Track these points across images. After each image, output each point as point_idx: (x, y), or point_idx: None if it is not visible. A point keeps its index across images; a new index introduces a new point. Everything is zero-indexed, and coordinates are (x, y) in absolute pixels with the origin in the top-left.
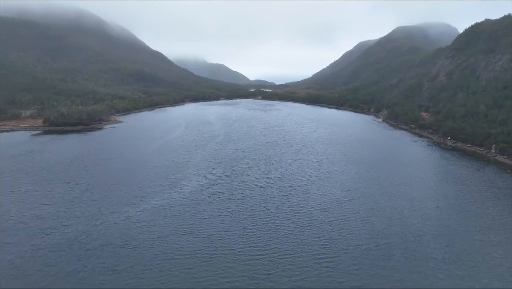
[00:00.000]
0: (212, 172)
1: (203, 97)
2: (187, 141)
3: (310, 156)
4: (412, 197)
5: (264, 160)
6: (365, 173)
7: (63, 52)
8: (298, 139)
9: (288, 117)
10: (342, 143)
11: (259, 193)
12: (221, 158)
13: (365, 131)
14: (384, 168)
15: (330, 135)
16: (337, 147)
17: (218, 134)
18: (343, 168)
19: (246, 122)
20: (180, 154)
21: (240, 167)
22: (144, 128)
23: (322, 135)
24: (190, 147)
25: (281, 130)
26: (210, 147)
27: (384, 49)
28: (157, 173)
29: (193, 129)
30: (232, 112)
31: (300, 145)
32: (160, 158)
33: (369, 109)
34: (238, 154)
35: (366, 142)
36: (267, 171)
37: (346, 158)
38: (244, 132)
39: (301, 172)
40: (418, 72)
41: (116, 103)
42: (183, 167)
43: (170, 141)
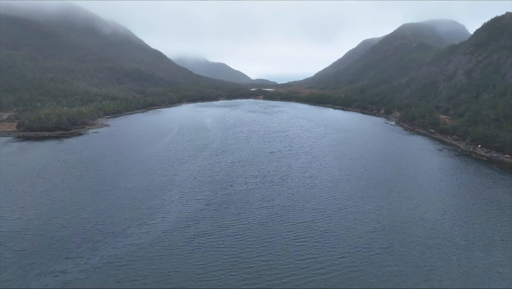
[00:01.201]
0: (199, 197)
1: (201, 97)
2: (175, 151)
3: (322, 173)
4: (472, 240)
5: (267, 177)
6: (396, 201)
7: (57, 50)
8: (306, 149)
9: (292, 121)
10: (358, 155)
11: (259, 234)
12: (213, 175)
13: (381, 138)
14: (418, 192)
15: (342, 143)
16: (353, 159)
17: (213, 142)
18: (365, 192)
19: (246, 127)
20: (164, 169)
21: (236, 190)
22: (131, 134)
23: (333, 143)
24: (178, 159)
25: (286, 136)
26: (201, 159)
27: (391, 47)
28: (125, 200)
29: (185, 135)
30: (231, 115)
31: (309, 157)
32: (137, 175)
33: (379, 110)
34: (234, 169)
35: (386, 153)
36: (270, 196)
37: (367, 175)
38: (243, 140)
39: (313, 197)
40: (431, 70)
41: (105, 104)
42: (163, 190)
43: (156, 151)
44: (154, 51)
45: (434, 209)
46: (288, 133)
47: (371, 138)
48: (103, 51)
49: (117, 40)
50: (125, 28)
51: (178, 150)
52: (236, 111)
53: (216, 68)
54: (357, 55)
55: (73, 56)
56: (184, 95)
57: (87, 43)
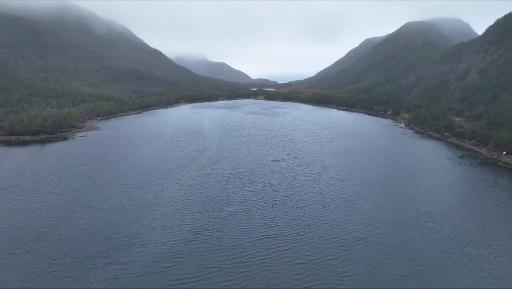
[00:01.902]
0: (187, 222)
1: (200, 98)
2: (166, 159)
3: (333, 188)
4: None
5: (269, 194)
6: (428, 228)
7: (52, 49)
8: (312, 157)
9: (295, 123)
10: (371, 164)
11: (260, 278)
12: (206, 191)
13: (392, 143)
14: (452, 216)
15: (352, 150)
16: (366, 169)
17: (209, 148)
18: (386, 215)
19: (246, 130)
20: (150, 183)
21: (233, 211)
22: (120, 138)
23: (341, 150)
24: (168, 170)
25: (289, 141)
26: (194, 169)
27: (395, 46)
28: (96, 227)
29: (179, 139)
30: (229, 117)
31: (316, 166)
32: (117, 191)
33: (385, 111)
34: (231, 182)
35: (401, 161)
36: (273, 221)
37: (385, 191)
38: (242, 145)
39: (325, 221)
40: (440, 69)
41: (98, 105)
42: (144, 211)
43: (144, 160)
44: (153, 50)
45: (481, 241)
46: (291, 138)
47: (382, 144)
48: (101, 50)
49: (115, 39)
50: (123, 27)
51: (169, 158)
52: (235, 113)
53: (216, 68)
54: (359, 54)
55: (69, 55)
56: (183, 96)
57: (84, 42)
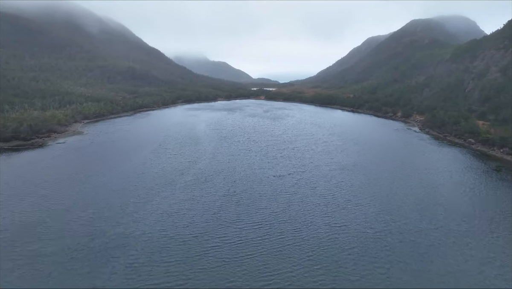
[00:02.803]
0: (160, 279)
1: (198, 98)
2: (149, 174)
3: (355, 218)
4: None
5: (273, 228)
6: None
7: (45, 48)
8: (323, 170)
9: (300, 127)
10: (397, 182)
11: None
12: (191, 224)
13: (411, 151)
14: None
15: (368, 161)
16: (392, 189)
17: (202, 158)
18: (434, 264)
19: (245, 136)
20: (119, 212)
21: (223, 259)
22: (103, 146)
23: (356, 161)
24: (148, 190)
25: (294, 150)
26: (180, 190)
27: (400, 44)
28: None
29: (169, 147)
30: (228, 119)
31: (329, 185)
32: (72, 223)
33: (395, 113)
34: (224, 210)
35: (429, 177)
36: (281, 275)
37: (421, 219)
38: (241, 155)
39: (348, 273)
40: (453, 68)
41: (86, 107)
42: (101, 259)
43: (123, 175)
44: (151, 49)
45: None
46: (296, 145)
47: (400, 152)
48: (97, 49)
49: (111, 38)
50: (122, 25)
51: (153, 172)
52: (234, 115)
53: (216, 67)
54: (362, 53)
55: (63, 54)
56: (180, 96)
57: (79, 41)
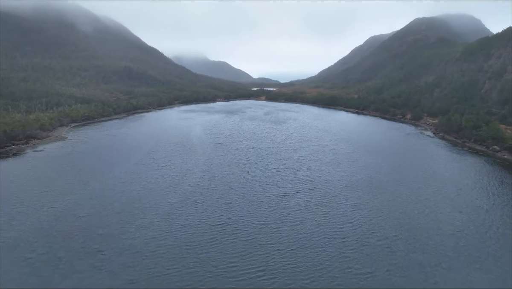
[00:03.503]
0: None
1: (196, 99)
2: (128, 192)
3: (378, 257)
4: None
5: (277, 276)
6: None
7: (39, 47)
8: (335, 189)
9: (304, 132)
10: (421, 202)
11: None
12: (171, 272)
13: (430, 160)
14: None
15: (384, 174)
16: (415, 211)
17: (193, 172)
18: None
19: (244, 142)
20: (80, 251)
21: None
22: (84, 155)
23: (370, 176)
24: (122, 215)
25: (299, 160)
26: (162, 217)
27: (405, 43)
28: None
29: (157, 157)
30: (226, 123)
31: (344, 208)
32: (9, 280)
33: (404, 115)
34: (216, 249)
35: (459, 193)
36: None
37: (458, 255)
38: (239, 167)
39: None
40: (465, 67)
41: (74, 109)
42: None
43: (97, 194)
44: (149, 48)
45: None
46: (301, 154)
47: (420, 162)
48: (93, 48)
49: (109, 37)
50: (120, 24)
51: (133, 191)
52: (233, 118)
53: (216, 67)
54: (365, 52)
55: (57, 53)
56: (177, 96)
57: (75, 40)
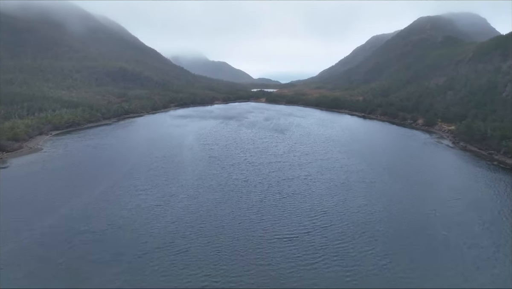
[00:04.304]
0: None
1: (193, 101)
2: (88, 236)
3: None
4: None
5: None
6: None
7: (30, 47)
8: (360, 229)
9: (309, 142)
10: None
11: None
12: None
13: (464, 182)
14: None
15: (417, 208)
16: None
17: (177, 199)
18: None
19: (242, 156)
20: None
21: None
22: (53, 173)
23: (400, 210)
24: (75, 273)
25: (307, 182)
26: (127, 276)
27: (410, 42)
28: None
29: (137, 178)
30: (222, 131)
31: (378, 268)
32: None
33: (415, 120)
34: None
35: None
36: None
37: None
38: (234, 192)
39: None
40: (480, 68)
41: (57, 115)
42: None
43: (50, 235)
44: (147, 48)
45: None
46: (309, 172)
47: (451, 184)
48: (87, 48)
49: (105, 37)
50: (117, 24)
51: (97, 231)
52: (230, 125)
53: (216, 68)
54: (367, 52)
55: (50, 54)
56: (173, 99)
57: (69, 40)
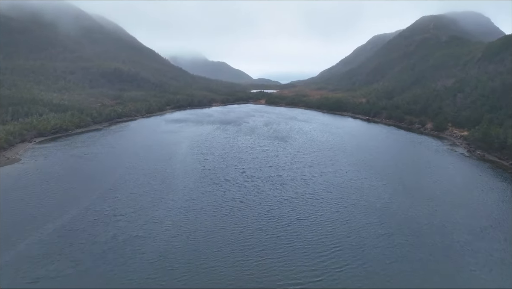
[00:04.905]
0: None
1: (191, 103)
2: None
3: None
4: None
5: None
6: None
7: (24, 48)
8: (389, 274)
9: (313, 150)
10: None
11: None
12: None
13: (497, 203)
14: None
15: (455, 235)
16: None
17: (160, 229)
18: None
19: (239, 169)
20: None
21: None
22: (22, 194)
23: (436, 242)
24: None
25: (315, 206)
26: None
27: (413, 42)
28: None
29: (117, 198)
30: (219, 137)
31: None
32: None
33: (423, 124)
34: None
35: None
36: None
37: None
38: (228, 219)
39: None
40: (491, 69)
41: (43, 120)
42: None
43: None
44: (145, 48)
45: None
46: (316, 190)
47: (486, 209)
48: (83, 49)
49: (101, 37)
50: (114, 24)
51: (53, 277)
52: (228, 131)
53: (216, 68)
54: (368, 52)
55: (44, 54)
56: (170, 101)
57: (64, 40)
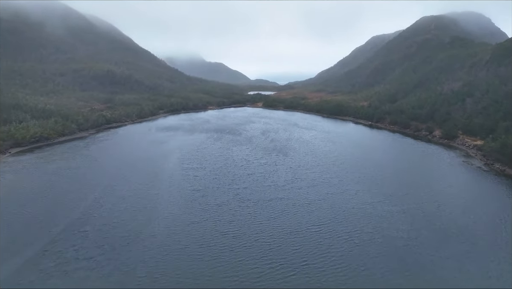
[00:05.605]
0: None
1: (185, 107)
2: None
3: None
4: None
5: None
6: None
7: (12, 49)
8: None
9: (316, 164)
10: None
11: None
12: None
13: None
14: None
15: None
16: None
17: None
18: None
19: (232, 191)
20: None
21: None
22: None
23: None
24: None
25: (323, 239)
26: None
27: (414, 43)
28: None
29: (81, 235)
30: (211, 149)
31: None
32: None
33: (431, 131)
34: None
35: None
36: None
37: None
38: (218, 277)
39: None
40: (502, 72)
41: (21, 128)
42: None
43: None
44: (140, 49)
45: None
46: (322, 217)
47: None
48: (76, 50)
49: (95, 38)
50: (109, 24)
51: None
52: (223, 140)
53: (213, 69)
54: (367, 53)
55: (33, 56)
56: (163, 104)
57: (56, 41)
